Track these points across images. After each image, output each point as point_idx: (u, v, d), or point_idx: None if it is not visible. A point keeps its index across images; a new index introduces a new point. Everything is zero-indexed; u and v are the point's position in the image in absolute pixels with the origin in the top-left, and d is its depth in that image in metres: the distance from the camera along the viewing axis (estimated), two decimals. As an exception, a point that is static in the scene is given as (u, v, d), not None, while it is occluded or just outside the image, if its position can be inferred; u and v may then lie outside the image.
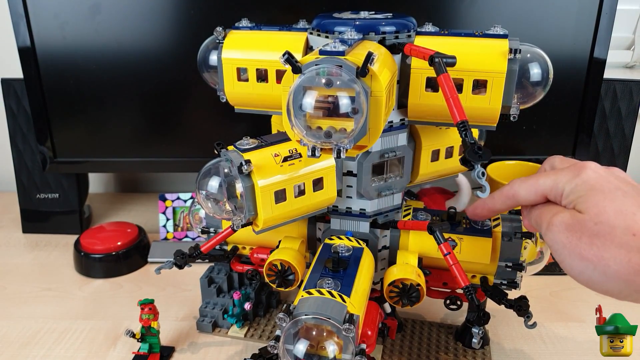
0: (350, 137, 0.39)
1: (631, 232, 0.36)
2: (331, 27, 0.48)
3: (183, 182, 1.10)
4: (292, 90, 0.38)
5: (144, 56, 0.78)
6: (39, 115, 0.81)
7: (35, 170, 0.88)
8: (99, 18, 0.75)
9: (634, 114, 0.83)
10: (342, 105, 0.38)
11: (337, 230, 0.56)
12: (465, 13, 0.75)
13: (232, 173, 0.46)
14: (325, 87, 0.37)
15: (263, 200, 0.46)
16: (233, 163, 0.45)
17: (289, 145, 0.48)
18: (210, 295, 0.67)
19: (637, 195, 0.39)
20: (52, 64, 0.78)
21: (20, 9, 0.74)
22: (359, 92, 0.37)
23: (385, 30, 0.47)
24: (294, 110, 0.39)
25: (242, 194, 0.45)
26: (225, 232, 0.54)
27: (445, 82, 0.39)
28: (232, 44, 0.52)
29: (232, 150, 0.47)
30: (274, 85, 0.51)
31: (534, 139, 0.83)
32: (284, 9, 0.76)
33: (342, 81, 0.37)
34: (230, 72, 0.52)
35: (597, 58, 0.77)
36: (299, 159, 0.48)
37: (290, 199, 0.48)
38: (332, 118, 0.39)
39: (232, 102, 0.55)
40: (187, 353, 0.62)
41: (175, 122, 0.83)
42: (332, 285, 0.44)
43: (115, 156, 0.85)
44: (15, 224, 0.93)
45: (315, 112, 0.38)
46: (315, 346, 0.42)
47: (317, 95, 0.38)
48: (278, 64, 0.47)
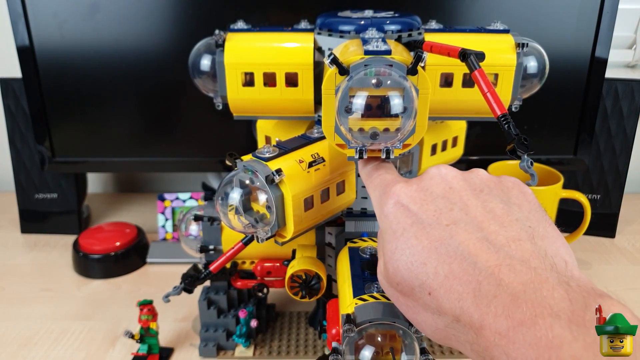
0: (402, 136, 0.38)
1: (426, 290, 0.29)
2: (351, 27, 0.46)
3: (182, 182, 1.10)
4: (342, 92, 0.37)
5: (143, 55, 0.77)
6: (37, 114, 0.81)
7: (33, 170, 0.88)
8: (98, 17, 0.75)
9: (635, 114, 0.83)
10: (393, 105, 0.36)
11: (352, 233, 0.54)
12: (466, 11, 0.75)
13: (255, 184, 0.43)
14: (374, 88, 0.36)
15: (294, 209, 0.43)
16: (258, 173, 0.42)
17: (310, 150, 0.46)
18: (210, 318, 0.62)
19: (432, 228, 0.30)
20: (51, 64, 0.78)
21: (19, 8, 0.74)
22: (409, 91, 0.36)
23: (391, 29, 0.46)
24: (340, 112, 0.37)
25: (270, 206, 0.42)
26: (236, 247, 0.50)
27: (481, 77, 0.38)
28: (235, 47, 0.49)
29: (253, 160, 0.44)
30: (283, 89, 0.49)
31: (535, 138, 0.82)
32: (285, 8, 0.75)
33: (392, 80, 0.36)
34: (235, 78, 0.49)
35: (599, 57, 0.77)
36: (322, 164, 0.45)
37: (317, 205, 0.46)
38: (377, 119, 0.38)
39: (234, 109, 0.52)
40: (186, 354, 0.62)
41: (174, 122, 0.83)
42: (380, 289, 0.42)
43: (114, 156, 0.84)
44: (14, 224, 0.93)
45: (366, 113, 0.37)
46: (379, 352, 0.41)
47: (367, 96, 0.36)
48: (287, 66, 0.47)
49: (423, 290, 0.29)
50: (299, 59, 0.48)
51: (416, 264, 0.29)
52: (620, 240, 0.89)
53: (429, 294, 0.29)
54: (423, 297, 0.29)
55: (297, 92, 0.48)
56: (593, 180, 0.87)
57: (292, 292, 0.51)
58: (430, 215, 0.31)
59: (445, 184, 0.33)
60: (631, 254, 0.85)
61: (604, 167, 0.86)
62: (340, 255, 0.51)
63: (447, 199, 0.32)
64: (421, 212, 0.31)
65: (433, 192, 0.32)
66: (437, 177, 0.33)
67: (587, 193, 0.87)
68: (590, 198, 0.87)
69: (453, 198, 0.32)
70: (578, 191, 0.78)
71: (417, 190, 0.33)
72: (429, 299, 0.29)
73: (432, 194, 0.32)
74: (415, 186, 0.33)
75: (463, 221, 0.30)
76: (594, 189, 0.87)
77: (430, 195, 0.32)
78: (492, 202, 0.31)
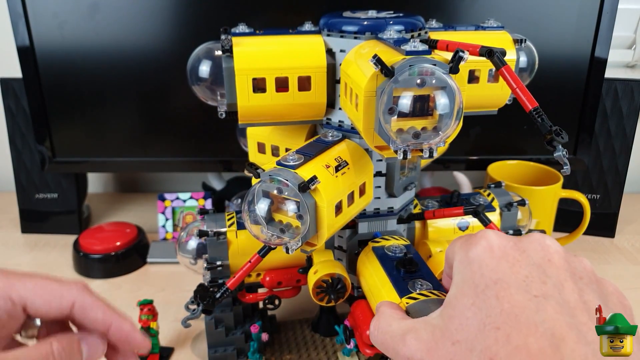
0: (446, 134, 0.38)
1: (488, 356, 0.26)
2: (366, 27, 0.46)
3: (182, 182, 1.10)
4: (387, 93, 0.36)
5: (144, 56, 0.77)
6: (37, 114, 0.81)
7: (34, 170, 0.88)
8: (98, 17, 0.75)
9: (635, 114, 0.83)
10: (439, 104, 0.36)
11: (365, 234, 0.53)
12: (466, 11, 0.75)
13: (283, 193, 0.41)
14: (418, 87, 0.36)
15: (328, 216, 0.41)
16: (289, 182, 0.40)
17: (332, 154, 0.45)
18: (219, 337, 0.57)
19: (518, 293, 0.27)
20: (51, 64, 0.78)
21: (19, 8, 0.74)
22: (454, 89, 0.36)
23: (396, 29, 0.46)
24: (383, 114, 0.37)
25: (302, 214, 0.40)
26: (253, 260, 0.49)
27: (508, 73, 0.38)
28: (244, 52, 0.46)
29: (279, 169, 0.41)
30: (295, 93, 0.47)
31: (535, 138, 0.82)
32: (283, 9, 0.75)
33: (438, 79, 0.36)
34: (245, 84, 0.45)
35: (598, 57, 0.77)
36: (347, 167, 0.44)
37: (344, 209, 0.44)
38: (415, 118, 0.37)
39: (243, 117, 0.48)
40: (186, 354, 0.62)
41: (175, 122, 0.83)
42: (424, 285, 0.41)
43: (114, 156, 0.84)
44: (14, 224, 0.93)
45: (410, 113, 0.37)
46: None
47: (413, 96, 0.36)
48: (300, 70, 0.46)
49: (484, 355, 0.26)
50: (312, 62, 0.46)
51: (489, 326, 0.27)
52: (619, 240, 0.89)
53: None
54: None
55: (309, 96, 0.47)
56: (593, 180, 0.87)
57: (317, 297, 0.50)
58: (520, 279, 0.28)
59: (545, 254, 0.30)
60: (631, 253, 0.85)
61: (604, 167, 0.86)
62: (366, 256, 0.49)
63: (543, 270, 0.29)
64: (510, 272, 0.29)
65: (529, 256, 0.30)
66: (538, 243, 0.31)
67: (586, 193, 0.87)
68: (589, 198, 0.87)
69: (549, 271, 0.29)
70: (578, 191, 0.78)
71: (512, 247, 0.30)
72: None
73: (528, 257, 0.30)
74: (512, 243, 0.31)
75: (554, 299, 0.27)
76: (594, 189, 0.88)
77: (525, 258, 0.30)
78: (589, 294, 0.28)
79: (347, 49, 0.46)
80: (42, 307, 0.34)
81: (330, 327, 0.62)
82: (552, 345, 0.25)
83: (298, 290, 0.58)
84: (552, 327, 0.26)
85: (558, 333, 0.25)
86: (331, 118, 0.50)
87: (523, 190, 0.71)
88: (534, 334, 0.26)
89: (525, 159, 0.81)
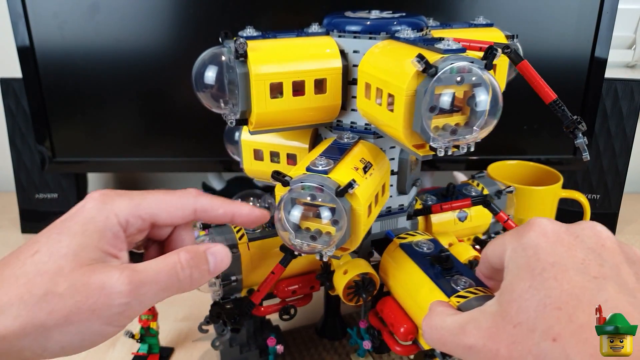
0: (484, 131, 0.38)
1: (551, 336, 0.26)
2: (376, 28, 0.46)
3: (182, 182, 1.10)
4: (430, 91, 0.36)
5: (144, 56, 0.78)
6: (37, 115, 0.81)
7: (34, 170, 0.88)
8: (98, 17, 0.75)
9: (635, 114, 0.83)
10: (479, 102, 0.37)
11: (377, 234, 0.53)
12: (465, 12, 0.75)
13: (317, 200, 0.40)
14: (457, 85, 0.36)
15: (364, 219, 0.41)
16: (325, 188, 0.39)
17: (356, 156, 0.44)
18: (233, 356, 0.56)
19: (577, 275, 0.28)
20: (51, 64, 0.78)
21: (19, 9, 0.74)
22: (493, 85, 0.37)
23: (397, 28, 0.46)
24: (424, 112, 0.37)
25: (338, 219, 0.39)
26: (276, 271, 0.48)
27: (527, 68, 0.39)
28: (261, 57, 0.43)
29: (311, 175, 0.40)
30: (312, 97, 0.45)
31: (534, 138, 0.83)
32: (285, 8, 0.75)
33: (477, 76, 0.36)
34: (263, 90, 0.43)
35: (598, 57, 0.77)
36: (372, 168, 0.44)
37: (373, 210, 0.44)
38: (451, 115, 0.38)
39: (259, 124, 0.45)
40: (186, 354, 0.62)
41: (175, 122, 0.83)
42: (467, 282, 0.41)
43: (114, 156, 0.84)
44: (14, 224, 0.93)
45: (449, 110, 0.37)
46: None
47: (453, 93, 0.37)
48: (315, 72, 0.45)
49: (546, 335, 0.26)
50: (328, 63, 0.46)
51: (550, 306, 0.27)
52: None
53: (554, 340, 0.26)
54: (542, 342, 0.27)
55: (325, 99, 0.46)
56: (592, 180, 0.87)
57: (348, 298, 0.49)
58: (577, 262, 0.29)
59: (598, 239, 0.30)
60: (631, 253, 0.85)
61: (604, 167, 0.86)
62: (392, 255, 0.49)
63: (598, 254, 0.29)
64: (567, 256, 0.29)
65: (583, 241, 0.30)
66: (590, 229, 0.31)
67: (586, 193, 0.87)
68: (589, 198, 0.87)
69: (605, 255, 0.29)
70: (578, 191, 0.78)
71: (566, 232, 0.31)
72: (550, 345, 0.26)
73: (582, 242, 0.30)
74: (565, 228, 0.31)
75: (613, 280, 0.28)
76: (594, 189, 0.88)
77: (580, 242, 0.30)
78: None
79: (362, 50, 0.45)
80: (168, 219, 0.38)
81: (336, 331, 0.61)
82: None
83: (311, 298, 0.57)
84: (615, 306, 0.26)
85: (622, 311, 0.25)
86: (342, 120, 0.49)
87: (523, 190, 0.71)
88: (597, 312, 0.26)
89: (525, 159, 0.81)
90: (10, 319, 0.30)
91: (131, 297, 0.33)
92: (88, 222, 0.35)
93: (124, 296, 0.32)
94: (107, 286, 0.32)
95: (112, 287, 0.32)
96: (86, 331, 0.32)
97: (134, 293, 0.33)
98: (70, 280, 0.32)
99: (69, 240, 0.34)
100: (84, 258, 0.33)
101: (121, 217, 0.36)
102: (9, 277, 0.32)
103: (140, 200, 0.37)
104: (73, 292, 0.32)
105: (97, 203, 0.36)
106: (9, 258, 0.34)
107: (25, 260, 0.33)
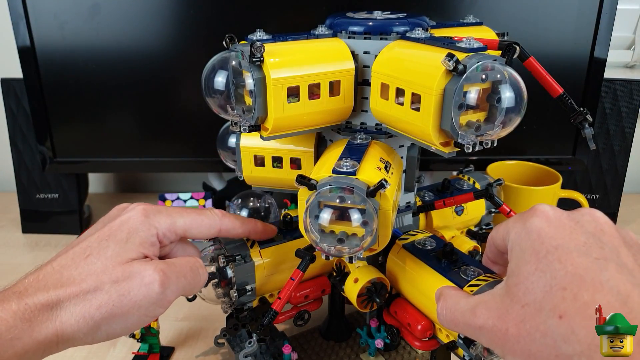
0: (508, 127, 0.39)
1: (557, 314, 0.28)
2: (387, 29, 0.46)
3: (183, 182, 1.10)
4: (458, 89, 0.36)
5: (144, 56, 0.78)
6: (38, 115, 0.81)
7: (35, 170, 0.88)
8: (99, 18, 0.75)
9: (634, 114, 0.83)
10: (505, 98, 0.37)
11: None
12: (466, 11, 0.75)
13: (346, 202, 0.39)
14: (482, 82, 0.37)
15: (392, 219, 0.41)
16: (355, 189, 0.38)
17: (375, 156, 0.43)
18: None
19: (580, 257, 0.29)
20: (52, 64, 0.78)
21: (20, 9, 0.74)
22: (508, 82, 0.37)
23: (400, 30, 0.46)
24: (454, 109, 0.37)
25: (368, 220, 0.39)
26: (296, 277, 0.47)
27: (534, 63, 0.39)
28: (278, 61, 0.43)
29: (338, 177, 0.40)
30: (326, 99, 0.45)
31: (534, 139, 0.83)
32: (285, 8, 0.76)
33: (500, 74, 0.37)
34: (281, 95, 0.42)
35: (598, 58, 0.77)
36: (392, 167, 0.43)
37: (395, 209, 0.43)
38: (475, 112, 0.38)
39: (275, 129, 0.44)
40: (187, 353, 0.62)
41: (175, 122, 0.83)
42: (476, 271, 0.42)
43: (115, 156, 0.85)
44: (15, 224, 0.93)
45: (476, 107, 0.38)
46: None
47: (479, 90, 0.37)
48: (330, 75, 0.44)
49: (553, 313, 0.28)
50: (341, 65, 0.45)
51: (555, 287, 0.28)
52: (619, 240, 0.89)
53: (560, 317, 0.27)
54: (549, 320, 0.28)
55: (339, 101, 0.46)
56: (592, 180, 0.87)
57: (362, 305, 0.49)
58: (580, 244, 0.30)
59: (597, 225, 0.32)
60: (630, 253, 0.85)
61: (603, 167, 0.86)
62: (397, 256, 0.49)
63: (598, 238, 0.31)
64: (569, 239, 0.31)
65: (584, 226, 0.32)
66: (589, 215, 0.33)
67: (585, 193, 0.87)
68: (589, 198, 0.87)
69: (604, 239, 0.31)
70: (577, 191, 0.78)
71: (567, 217, 0.33)
72: (557, 322, 0.27)
73: (582, 227, 0.32)
74: (566, 214, 0.33)
75: (614, 261, 0.29)
76: (593, 189, 0.88)
77: (580, 227, 0.32)
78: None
79: (372, 51, 0.45)
80: (197, 235, 0.45)
81: (342, 332, 0.61)
82: (619, 300, 0.27)
83: (321, 302, 0.56)
84: (617, 285, 0.27)
85: (623, 290, 0.27)
86: (351, 121, 0.49)
87: (523, 190, 0.72)
88: (600, 291, 0.27)
89: (525, 159, 0.81)
90: (68, 315, 0.36)
91: (164, 287, 0.39)
92: (132, 232, 0.41)
93: (158, 285, 0.38)
94: (145, 276, 0.38)
95: (149, 277, 0.38)
96: (128, 321, 0.38)
97: (166, 283, 0.39)
98: (114, 276, 0.38)
99: (115, 245, 0.40)
100: (125, 258, 0.39)
101: (160, 230, 0.42)
102: (68, 278, 0.38)
103: (177, 219, 0.44)
104: (116, 286, 0.37)
105: (140, 216, 0.42)
106: (64, 260, 0.39)
107: (79, 262, 0.39)
